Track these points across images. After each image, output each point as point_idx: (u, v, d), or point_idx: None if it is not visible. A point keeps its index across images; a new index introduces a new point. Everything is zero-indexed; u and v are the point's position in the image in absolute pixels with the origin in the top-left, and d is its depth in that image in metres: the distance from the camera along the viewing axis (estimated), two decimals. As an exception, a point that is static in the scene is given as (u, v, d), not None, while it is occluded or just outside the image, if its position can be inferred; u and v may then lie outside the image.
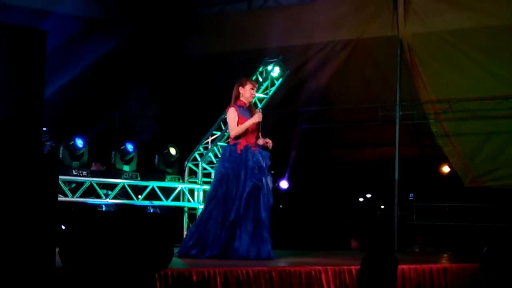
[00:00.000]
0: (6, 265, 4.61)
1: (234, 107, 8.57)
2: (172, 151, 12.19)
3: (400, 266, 7.67)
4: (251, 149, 8.45)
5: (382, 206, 15.89)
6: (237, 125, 8.49)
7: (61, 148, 11.16)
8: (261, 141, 8.61)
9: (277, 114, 14.28)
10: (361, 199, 19.00)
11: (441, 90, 13.75)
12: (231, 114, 8.55)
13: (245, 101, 8.62)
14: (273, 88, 12.83)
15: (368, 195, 19.01)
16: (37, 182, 4.84)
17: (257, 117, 8.51)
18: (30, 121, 5.00)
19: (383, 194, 15.33)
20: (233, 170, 8.35)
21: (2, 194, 4.65)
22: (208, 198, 8.59)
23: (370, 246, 7.68)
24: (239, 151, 8.41)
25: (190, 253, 8.36)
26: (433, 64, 13.62)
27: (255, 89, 8.75)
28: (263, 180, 8.38)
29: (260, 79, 12.70)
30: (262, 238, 8.32)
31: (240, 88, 8.58)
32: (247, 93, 8.58)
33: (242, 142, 8.46)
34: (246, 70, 12.81)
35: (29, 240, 4.75)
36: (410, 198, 16.63)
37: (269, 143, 8.57)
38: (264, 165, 8.44)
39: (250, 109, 8.67)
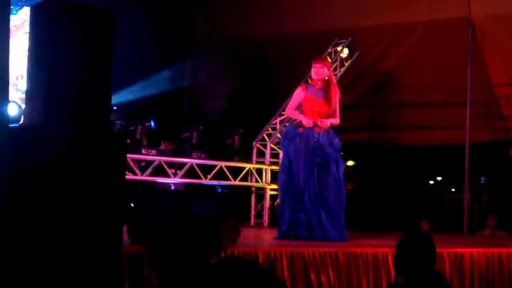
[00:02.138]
0: (74, 242, 4.68)
1: (301, 87, 8.53)
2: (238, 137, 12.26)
3: (469, 250, 7.61)
4: (315, 129, 8.32)
5: (453, 189, 15.71)
6: (297, 107, 8.46)
7: (139, 128, 11.29)
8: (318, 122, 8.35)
9: (345, 96, 14.25)
10: (431, 182, 18.82)
11: (513, 73, 13.52)
12: (295, 93, 8.55)
13: (316, 81, 8.52)
14: (342, 69, 12.77)
15: (439, 178, 18.82)
16: (106, 160, 4.90)
17: (305, 122, 8.33)
18: (99, 99, 5.07)
19: (454, 177, 15.15)
20: (294, 150, 8.27)
21: (71, 172, 4.72)
22: (278, 185, 8.63)
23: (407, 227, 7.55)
24: (301, 131, 8.34)
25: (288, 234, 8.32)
26: (505, 44, 13.36)
27: (317, 66, 8.41)
28: (329, 160, 8.26)
29: (330, 60, 12.65)
30: (334, 220, 8.25)
31: (311, 68, 8.51)
32: (312, 72, 8.50)
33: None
34: (316, 51, 12.78)
35: (97, 217, 4.81)
36: (481, 182, 16.42)
37: (322, 123, 8.39)
38: (328, 145, 8.32)
39: (326, 88, 8.44)
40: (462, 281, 7.40)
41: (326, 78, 8.47)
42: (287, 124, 8.73)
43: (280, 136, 11.91)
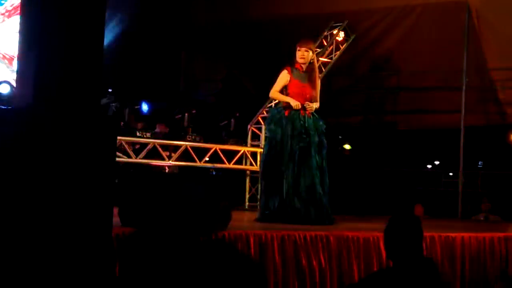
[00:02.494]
0: (64, 224, 4.68)
1: (287, 69, 8.49)
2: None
3: (460, 234, 7.64)
4: (299, 112, 8.37)
5: (451, 174, 15.72)
6: (282, 88, 8.45)
7: (127, 111, 11.30)
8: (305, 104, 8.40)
9: (342, 79, 14.24)
10: (429, 166, 18.84)
11: (509, 57, 13.46)
12: (280, 75, 8.50)
13: (301, 64, 8.51)
14: (338, 53, 12.75)
15: (436, 162, 18.84)
16: (96, 142, 4.89)
17: (294, 104, 8.33)
18: (90, 82, 5.05)
19: (450, 162, 15.16)
20: (279, 133, 8.28)
21: (60, 154, 4.72)
22: (260, 167, 8.64)
23: (394, 211, 7.59)
24: (286, 114, 8.35)
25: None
26: (502, 29, 13.33)
27: (302, 49, 8.43)
28: (312, 144, 8.28)
29: (325, 44, 12.63)
30: (316, 202, 8.27)
31: (296, 51, 8.52)
32: (297, 56, 8.49)
33: (290, 105, 8.39)
34: (311, 34, 12.75)
35: (87, 199, 4.81)
36: (479, 166, 16.45)
37: (309, 106, 8.39)
38: (313, 129, 8.34)
39: (309, 72, 8.51)
40: (453, 265, 7.44)
41: (311, 61, 8.50)
42: (272, 106, 8.71)
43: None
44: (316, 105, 8.42)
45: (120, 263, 5.37)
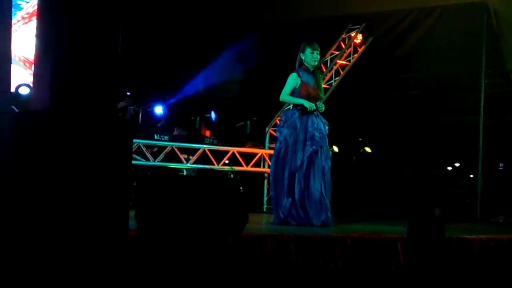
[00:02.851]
0: (80, 227, 4.71)
1: (296, 72, 8.61)
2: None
3: (478, 236, 7.59)
4: (312, 114, 8.44)
5: (471, 176, 15.62)
6: (295, 92, 8.51)
7: (140, 113, 11.36)
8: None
9: (359, 81, 14.20)
10: (449, 168, 18.73)
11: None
12: (290, 79, 8.63)
13: (309, 66, 8.60)
14: (356, 55, 12.73)
15: (457, 164, 18.73)
16: (112, 146, 4.91)
17: (308, 105, 8.45)
18: (106, 85, 5.08)
19: (471, 163, 15.07)
20: (292, 136, 8.37)
21: (77, 157, 4.75)
22: (272, 171, 8.67)
23: (414, 212, 7.61)
24: (301, 116, 8.43)
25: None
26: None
27: (315, 52, 8.63)
28: (324, 147, 8.41)
29: (343, 46, 12.62)
30: (320, 205, 8.35)
31: (301, 54, 8.63)
32: (307, 57, 8.58)
33: (303, 107, 8.46)
34: (329, 36, 12.76)
35: (102, 202, 4.83)
36: (500, 168, 16.32)
37: (321, 106, 8.57)
38: (323, 132, 8.45)
39: (314, 73, 8.66)
40: (472, 268, 7.39)
41: (315, 63, 8.69)
42: (289, 108, 8.80)
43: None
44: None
45: (136, 265, 5.40)
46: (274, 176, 8.56)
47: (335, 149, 13.58)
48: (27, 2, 11.89)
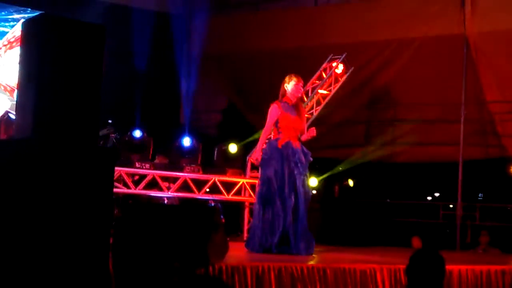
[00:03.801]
0: (61, 254, 4.71)
1: (277, 103, 8.67)
2: (232, 148, 12.32)
3: (457, 267, 7.64)
4: (292, 144, 8.52)
5: (451, 206, 15.71)
6: (276, 123, 8.58)
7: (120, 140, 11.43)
8: (304, 137, 8.72)
9: (341, 112, 14.29)
10: (429, 198, 18.81)
11: (507, 90, 13.53)
12: (271, 111, 8.67)
13: (291, 98, 8.69)
14: (337, 85, 12.80)
15: (437, 194, 18.82)
16: (93, 174, 4.94)
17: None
18: (88, 114, 5.11)
19: (449, 194, 15.16)
20: (274, 165, 8.43)
21: (58, 185, 4.76)
22: (257, 198, 8.72)
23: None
24: (280, 146, 8.49)
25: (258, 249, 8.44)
26: (500, 63, 13.40)
27: (299, 83, 8.73)
28: (303, 177, 8.47)
29: (324, 76, 12.70)
30: (302, 234, 8.41)
31: (285, 85, 8.70)
32: (292, 89, 8.66)
33: (284, 138, 8.55)
34: (311, 66, 12.83)
35: (84, 230, 4.85)
36: (479, 198, 16.41)
37: (313, 132, 8.67)
38: (305, 162, 8.52)
39: (297, 105, 8.76)
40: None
41: (299, 95, 8.81)
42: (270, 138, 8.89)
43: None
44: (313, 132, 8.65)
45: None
46: (262, 205, 8.56)
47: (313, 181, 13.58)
48: (11, 27, 11.92)
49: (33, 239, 4.65)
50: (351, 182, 16.08)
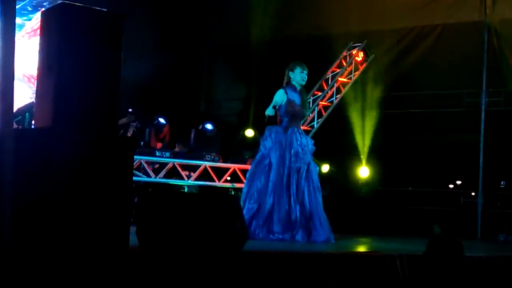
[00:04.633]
0: (80, 243, 4.74)
1: (283, 89, 8.72)
2: (249, 132, 12.31)
3: (479, 255, 7.61)
4: (297, 131, 8.55)
5: (473, 193, 15.63)
6: (280, 108, 8.62)
7: (147, 130, 11.39)
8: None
9: (361, 99, 14.24)
10: (451, 186, 18.72)
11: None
12: (277, 95, 8.70)
13: (296, 85, 8.75)
14: (357, 73, 12.79)
15: (458, 182, 18.72)
16: (112, 163, 4.95)
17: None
18: (107, 104, 5.11)
19: (471, 182, 15.09)
20: (276, 151, 8.42)
21: (78, 175, 4.78)
22: (247, 181, 8.70)
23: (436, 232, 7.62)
24: (285, 132, 8.50)
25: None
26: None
27: (304, 71, 8.78)
28: (308, 163, 8.46)
29: (344, 64, 12.68)
30: (315, 223, 8.39)
31: (290, 72, 8.73)
32: (297, 76, 8.69)
33: (288, 124, 8.57)
34: (331, 54, 12.81)
35: (103, 219, 4.87)
36: (501, 186, 16.30)
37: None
38: (309, 149, 8.53)
39: (301, 92, 8.81)
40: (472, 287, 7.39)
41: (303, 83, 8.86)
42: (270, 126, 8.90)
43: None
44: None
45: (137, 281, 5.42)
46: (258, 192, 8.53)
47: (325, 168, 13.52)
48: (29, 20, 11.96)
49: (54, 228, 4.67)
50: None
